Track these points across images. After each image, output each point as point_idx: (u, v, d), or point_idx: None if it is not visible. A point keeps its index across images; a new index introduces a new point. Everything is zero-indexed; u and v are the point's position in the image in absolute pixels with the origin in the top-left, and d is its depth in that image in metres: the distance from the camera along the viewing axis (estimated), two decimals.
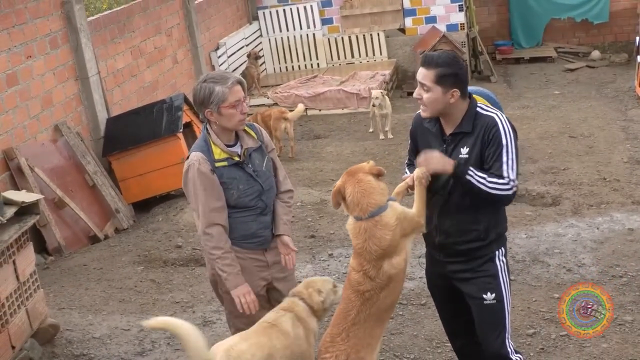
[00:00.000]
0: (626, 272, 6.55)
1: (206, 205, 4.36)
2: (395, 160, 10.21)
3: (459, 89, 4.08)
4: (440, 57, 4.09)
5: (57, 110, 8.86)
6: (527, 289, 6.36)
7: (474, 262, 4.26)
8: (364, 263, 4.13)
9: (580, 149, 10.04)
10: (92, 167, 8.87)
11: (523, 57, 16.09)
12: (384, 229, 4.08)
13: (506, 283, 4.29)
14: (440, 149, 4.19)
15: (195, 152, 4.44)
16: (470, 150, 4.10)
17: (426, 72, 4.08)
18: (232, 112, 4.36)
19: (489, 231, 4.21)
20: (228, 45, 13.92)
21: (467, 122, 4.13)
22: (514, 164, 4.08)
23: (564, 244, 7.22)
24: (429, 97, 4.09)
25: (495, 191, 4.04)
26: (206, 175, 4.36)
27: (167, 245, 8.01)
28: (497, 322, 4.29)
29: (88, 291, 7.04)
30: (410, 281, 6.68)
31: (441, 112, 4.14)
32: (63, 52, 9.07)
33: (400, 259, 4.15)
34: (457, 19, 14.82)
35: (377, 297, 4.15)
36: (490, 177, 4.03)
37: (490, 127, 4.08)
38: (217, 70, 12.46)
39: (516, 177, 4.10)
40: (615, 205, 8.05)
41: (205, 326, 6.22)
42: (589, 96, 13.00)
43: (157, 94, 11.13)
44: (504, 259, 4.30)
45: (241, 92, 4.40)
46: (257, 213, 4.53)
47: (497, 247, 4.27)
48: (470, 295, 4.30)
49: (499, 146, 4.06)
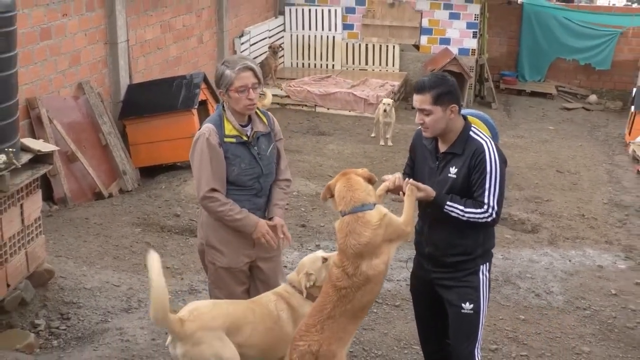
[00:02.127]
0: (590, 305, 6.56)
1: (210, 173, 4.37)
2: (391, 166, 10.20)
3: (456, 103, 4.13)
4: (431, 79, 4.13)
5: (83, 69, 8.82)
6: (495, 306, 6.36)
7: (459, 273, 4.27)
8: (344, 259, 4.12)
9: (565, 184, 10.04)
10: (107, 127, 8.83)
11: (525, 89, 16.10)
12: (365, 226, 4.07)
13: (485, 297, 4.31)
14: (432, 165, 4.25)
15: (208, 124, 4.47)
16: (458, 171, 4.14)
17: (423, 97, 4.11)
18: (238, 97, 4.38)
19: (476, 247, 4.22)
20: (252, 34, 13.88)
21: (459, 144, 4.15)
22: (496, 191, 4.07)
23: (536, 270, 7.22)
24: (432, 119, 4.11)
25: (473, 220, 4.08)
26: (213, 146, 4.37)
27: (166, 212, 7.99)
28: (471, 332, 4.30)
29: (86, 244, 7.01)
30: (388, 282, 6.67)
31: (443, 130, 4.15)
32: (97, 16, 9.03)
33: (380, 262, 4.12)
34: (469, 44, 14.80)
35: (353, 295, 4.12)
36: (468, 207, 4.07)
37: (478, 152, 4.09)
38: (238, 55, 12.44)
39: (498, 204, 4.08)
40: (590, 241, 8.06)
41: (191, 294, 6.21)
42: (580, 136, 13.01)
43: (178, 69, 11.09)
44: (487, 273, 4.32)
45: (249, 79, 4.39)
46: (252, 194, 4.54)
47: (483, 262, 4.29)
48: (450, 302, 4.31)
49: (483, 173, 4.07)
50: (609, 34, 16.07)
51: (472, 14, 14.70)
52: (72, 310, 5.75)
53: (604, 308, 6.52)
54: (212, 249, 4.58)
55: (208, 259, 4.62)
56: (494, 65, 16.17)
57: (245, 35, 13.59)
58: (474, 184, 4.09)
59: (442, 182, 4.17)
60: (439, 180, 4.19)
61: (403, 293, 6.47)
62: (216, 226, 4.52)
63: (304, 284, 4.40)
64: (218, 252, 4.56)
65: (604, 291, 6.84)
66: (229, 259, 4.55)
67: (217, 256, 4.57)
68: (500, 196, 4.10)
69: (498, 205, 4.08)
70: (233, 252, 4.54)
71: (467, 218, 4.07)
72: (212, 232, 4.56)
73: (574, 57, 16.38)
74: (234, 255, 4.55)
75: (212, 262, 4.59)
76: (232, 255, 4.54)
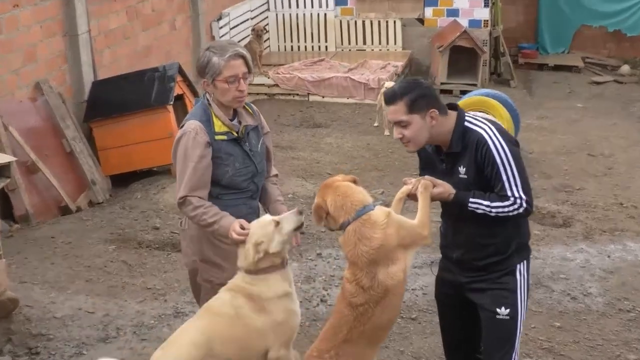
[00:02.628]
0: (634, 307, 6.54)
1: (191, 177, 4.37)
2: (398, 159, 10.20)
3: (435, 107, 4.11)
4: (400, 87, 4.14)
5: (39, 66, 8.81)
6: (527, 313, 6.35)
7: (493, 274, 4.28)
8: (357, 271, 4.09)
9: (599, 169, 10.03)
10: (71, 132, 8.82)
11: (547, 63, 16.07)
12: (373, 227, 4.06)
13: (524, 300, 4.31)
14: (441, 168, 4.26)
15: (194, 120, 4.44)
16: (467, 170, 4.15)
17: (395, 108, 4.11)
18: (225, 88, 4.38)
19: (509, 243, 4.23)
20: (232, 16, 13.86)
21: (456, 142, 4.16)
22: (517, 179, 4.07)
23: (571, 269, 7.21)
24: (411, 131, 4.11)
25: (502, 214, 4.09)
26: (201, 146, 4.37)
27: (144, 225, 7.98)
28: (506, 340, 4.30)
29: (53, 266, 7.00)
30: None
31: (428, 140, 4.17)
32: (53, 5, 9.01)
33: (398, 269, 4.11)
34: (481, 14, 14.79)
35: (372, 312, 4.10)
36: (493, 202, 4.08)
37: (480, 145, 4.09)
38: (225, 39, 12.43)
39: (525, 192, 4.09)
40: (630, 233, 8.05)
41: (177, 317, 6.20)
42: (613, 113, 12.99)
43: (149, 60, 11.07)
44: (525, 273, 4.32)
45: (240, 68, 4.40)
46: (247, 196, 4.58)
47: (519, 259, 4.30)
48: (483, 307, 4.31)
49: (494, 166, 4.07)
50: None
51: None
52: (41, 343, 5.74)
53: None
54: (208, 265, 4.58)
55: (203, 277, 4.60)
56: (511, 37, 16.13)
57: (224, 17, 13.57)
58: (491, 179, 4.10)
59: (456, 185, 4.17)
60: (453, 182, 4.19)
61: (419, 304, 6.47)
62: (211, 237, 4.52)
63: (253, 257, 4.24)
64: (216, 267, 4.56)
65: None
66: (228, 274, 4.53)
67: (215, 272, 4.56)
68: (524, 182, 4.10)
69: (525, 194, 4.08)
70: (232, 265, 4.52)
71: (496, 213, 4.08)
72: (208, 245, 4.56)
73: (602, 24, 16.35)
74: (233, 268, 4.53)
75: (209, 279, 4.57)
76: (231, 268, 4.52)
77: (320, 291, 6.67)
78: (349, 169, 9.81)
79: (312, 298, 6.57)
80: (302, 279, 6.78)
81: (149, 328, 6.02)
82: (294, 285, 4.48)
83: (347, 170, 9.72)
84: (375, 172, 9.78)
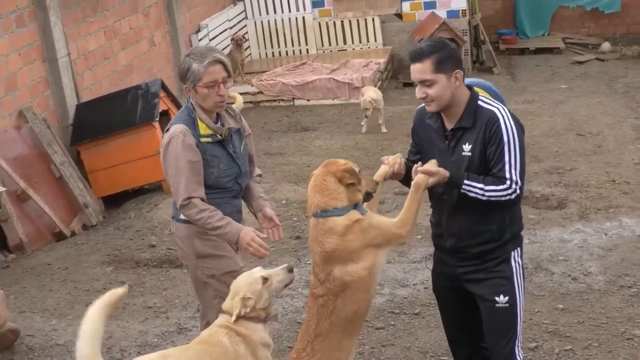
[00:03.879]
0: (635, 282, 6.55)
1: (189, 177, 4.43)
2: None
3: (460, 68, 4.13)
4: (428, 45, 4.13)
5: (22, 94, 8.76)
6: (529, 298, 6.32)
7: (488, 263, 4.27)
8: (315, 265, 4.21)
9: (588, 148, 10.04)
10: (59, 157, 8.78)
11: (528, 47, 16.08)
12: (327, 233, 4.14)
13: (521, 286, 4.32)
14: (442, 146, 4.24)
15: (179, 124, 4.51)
16: (473, 147, 4.14)
17: (422, 66, 4.09)
18: (206, 93, 4.47)
19: (503, 231, 4.23)
20: (210, 27, 13.83)
21: (467, 117, 4.15)
22: (518, 163, 4.09)
23: (569, 250, 7.21)
24: (436, 90, 4.09)
25: (494, 198, 4.08)
26: (191, 147, 4.45)
27: (140, 244, 7.95)
28: (508, 328, 4.30)
29: (52, 293, 6.97)
30: (403, 288, 6.66)
31: (449, 102, 4.14)
32: (30, 31, 8.97)
33: (358, 268, 4.15)
34: (458, 4, 14.77)
35: (333, 304, 4.16)
36: (488, 185, 4.07)
37: (491, 123, 4.09)
38: (205, 45, 12.40)
39: (521, 178, 4.10)
40: (625, 209, 8.05)
41: (180, 334, 6.17)
42: (598, 91, 13.00)
43: (131, 78, 11.04)
44: (519, 260, 4.33)
45: (220, 73, 4.49)
46: (231, 196, 4.66)
47: (513, 247, 4.30)
48: (482, 297, 4.31)
49: (500, 144, 4.07)
50: None
51: None
52: None
53: None
54: (207, 259, 4.62)
55: (206, 273, 4.63)
56: (490, 25, 16.13)
57: (202, 29, 13.54)
58: (492, 158, 4.09)
59: (457, 163, 4.17)
60: (452, 161, 4.19)
61: (422, 298, 6.45)
62: (200, 234, 4.58)
63: (239, 311, 4.14)
64: (214, 257, 4.61)
65: None
66: (228, 261, 4.62)
67: (215, 264, 4.61)
68: (522, 169, 4.12)
69: (521, 179, 4.10)
70: (230, 253, 4.64)
71: (488, 197, 4.07)
72: (199, 241, 4.60)
73: (578, 3, 16.38)
74: (232, 255, 4.65)
75: (211, 274, 4.62)
76: (230, 256, 4.63)
77: None
78: None
79: None
80: (303, 284, 6.75)
81: (153, 347, 5.98)
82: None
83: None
84: (366, 171, 9.68)
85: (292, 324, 6.22)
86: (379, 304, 6.38)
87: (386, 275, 6.87)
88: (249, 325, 4.21)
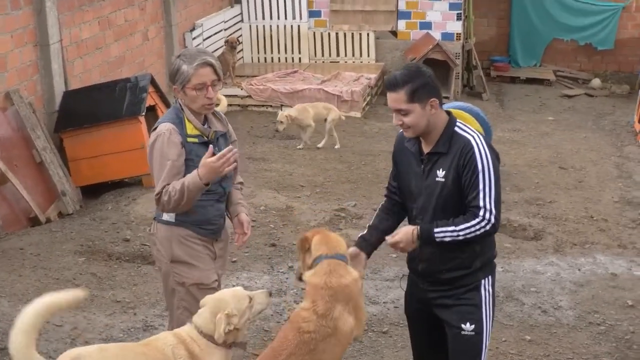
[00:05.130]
0: (605, 320, 6.57)
1: (170, 171, 4.42)
2: (371, 171, 10.20)
3: (435, 96, 4.12)
4: (403, 75, 4.10)
5: (10, 76, 8.71)
6: (497, 327, 6.33)
7: (458, 289, 4.27)
8: (317, 299, 4.19)
9: (570, 182, 10.09)
10: (42, 142, 8.72)
11: (519, 76, 16.19)
12: (346, 270, 4.29)
13: (489, 315, 4.31)
14: (417, 170, 4.25)
15: (166, 123, 4.53)
16: (446, 174, 4.13)
17: (397, 96, 4.09)
18: (194, 95, 4.48)
19: (473, 259, 4.21)
20: (205, 27, 13.83)
21: (443, 142, 4.15)
22: (492, 191, 4.07)
23: (541, 282, 7.23)
24: (411, 119, 4.10)
25: (471, 235, 4.08)
26: (176, 145, 4.46)
27: (114, 237, 7.90)
28: (473, 356, 4.30)
29: (22, 278, 6.90)
30: (373, 305, 6.66)
31: (425, 128, 4.14)
32: (24, 14, 8.92)
33: (351, 320, 4.24)
34: (453, 27, 14.86)
35: (316, 344, 4.13)
36: (459, 225, 4.08)
37: (466, 150, 4.09)
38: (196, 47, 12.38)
39: (496, 207, 4.08)
40: (600, 246, 8.09)
41: (146, 331, 6.13)
42: (584, 126, 13.10)
43: (122, 70, 11.00)
44: (490, 288, 4.31)
45: (209, 76, 4.49)
46: (215, 199, 4.65)
47: (484, 275, 4.29)
48: (449, 324, 4.31)
49: (474, 172, 4.06)
50: (611, 9, 16.23)
51: None
52: (6, 357, 5.62)
53: (620, 322, 6.53)
54: (180, 265, 4.59)
55: (175, 279, 4.61)
56: (483, 51, 16.22)
57: (197, 28, 13.53)
58: (466, 186, 4.08)
59: (430, 188, 4.17)
60: (426, 185, 4.19)
61: (391, 317, 6.45)
62: (181, 238, 4.57)
63: (223, 328, 3.99)
64: (187, 266, 4.58)
65: (619, 303, 6.86)
66: (200, 274, 4.58)
67: (187, 272, 4.58)
68: (497, 197, 4.10)
69: (496, 208, 4.08)
70: (204, 265, 4.61)
71: (464, 236, 4.07)
72: (178, 245, 4.58)
73: (573, 37, 16.50)
74: (206, 268, 4.61)
75: (181, 281, 4.59)
76: (204, 268, 4.60)
77: (291, 304, 6.62)
78: (321, 181, 9.79)
79: (283, 311, 6.53)
80: (274, 292, 6.73)
81: (118, 342, 5.92)
82: None
83: (319, 183, 9.71)
84: (348, 184, 9.76)
85: (259, 331, 6.20)
86: None
87: None
88: (208, 346, 4.04)
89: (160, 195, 4.41)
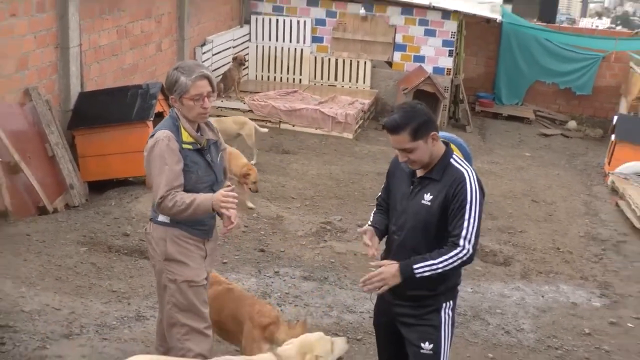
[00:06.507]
0: (562, 344, 6.62)
1: (170, 174, 4.43)
2: (358, 189, 10.25)
3: (434, 130, 4.14)
4: (402, 117, 4.09)
5: (31, 74, 8.75)
6: (463, 343, 6.40)
7: (420, 310, 4.27)
8: None
9: (540, 215, 10.16)
10: (55, 137, 8.76)
11: (502, 113, 16.31)
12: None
13: (447, 337, 4.30)
14: (406, 190, 4.25)
15: (163, 130, 4.53)
16: (433, 199, 4.12)
17: (400, 138, 4.09)
18: (191, 105, 4.49)
19: (439, 283, 4.21)
20: (215, 43, 13.90)
21: (437, 170, 4.16)
22: (475, 224, 4.06)
23: (507, 305, 7.28)
24: (416, 155, 4.11)
25: (450, 267, 4.07)
26: (175, 151, 4.46)
27: (115, 231, 7.93)
28: None
29: (26, 262, 6.92)
30: (350, 314, 6.69)
31: (429, 160, 4.16)
32: (48, 18, 8.97)
33: None
34: (445, 63, 14.97)
35: None
36: (436, 258, 4.06)
37: (458, 181, 4.09)
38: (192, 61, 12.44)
39: (476, 238, 4.08)
40: (564, 277, 8.15)
41: (138, 320, 6.15)
42: (558, 164, 13.18)
43: (134, 77, 11.05)
44: (450, 312, 4.31)
45: (205, 87, 4.51)
46: None
47: (445, 299, 4.29)
48: (410, 341, 4.31)
49: (463, 203, 4.05)
50: (591, 58, 16.39)
51: (449, 31, 14.87)
52: (7, 334, 5.66)
53: (577, 348, 6.59)
54: (172, 263, 4.59)
55: (168, 277, 4.60)
56: (470, 87, 16.36)
57: (207, 44, 13.60)
58: (452, 215, 4.08)
59: (414, 208, 4.17)
60: (410, 204, 4.19)
61: (365, 326, 6.48)
62: (175, 237, 4.58)
63: None
64: (180, 265, 4.58)
65: (577, 330, 6.92)
66: (192, 272, 4.59)
67: (179, 270, 4.58)
68: (478, 231, 4.10)
69: (475, 239, 4.07)
70: (196, 264, 4.61)
71: (443, 268, 4.05)
72: (172, 245, 4.59)
73: (554, 81, 16.67)
74: (197, 267, 4.62)
75: (173, 279, 4.58)
76: (195, 266, 4.60)
77: (274, 307, 6.65)
78: (311, 195, 9.84)
79: None
80: (259, 295, 6.77)
81: (111, 328, 5.97)
82: None
83: (309, 196, 9.76)
84: (336, 200, 9.81)
85: None
86: (326, 325, 6.40)
87: (337, 300, 6.92)
88: None
89: (163, 200, 4.41)
